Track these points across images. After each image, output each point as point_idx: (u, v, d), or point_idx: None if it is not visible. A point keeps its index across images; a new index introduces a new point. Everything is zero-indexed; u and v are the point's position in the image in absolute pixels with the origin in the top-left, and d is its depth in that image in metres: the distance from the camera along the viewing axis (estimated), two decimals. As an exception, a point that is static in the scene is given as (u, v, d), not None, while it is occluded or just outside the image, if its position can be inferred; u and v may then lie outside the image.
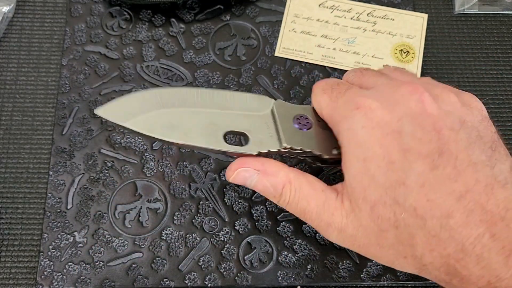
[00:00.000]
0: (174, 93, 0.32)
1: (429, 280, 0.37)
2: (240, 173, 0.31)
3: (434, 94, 0.28)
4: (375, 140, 0.27)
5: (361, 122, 0.28)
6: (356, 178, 0.28)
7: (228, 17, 0.44)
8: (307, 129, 0.32)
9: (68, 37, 0.43)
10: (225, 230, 0.38)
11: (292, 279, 0.37)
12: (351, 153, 0.28)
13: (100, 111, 0.30)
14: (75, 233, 0.38)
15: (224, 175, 0.39)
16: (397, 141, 0.27)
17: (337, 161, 0.31)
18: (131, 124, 0.30)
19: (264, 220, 0.38)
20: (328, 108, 0.31)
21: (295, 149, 0.31)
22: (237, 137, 0.39)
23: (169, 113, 0.31)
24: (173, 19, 0.44)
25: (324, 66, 0.43)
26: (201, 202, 0.39)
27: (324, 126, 0.32)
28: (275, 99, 0.33)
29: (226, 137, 0.31)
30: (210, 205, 0.39)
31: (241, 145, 0.32)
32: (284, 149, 0.31)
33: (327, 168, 0.39)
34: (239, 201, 0.39)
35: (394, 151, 0.26)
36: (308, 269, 0.37)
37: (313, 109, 0.33)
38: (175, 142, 0.31)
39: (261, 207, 0.39)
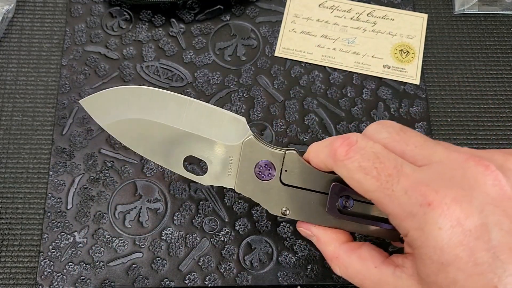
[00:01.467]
0: (156, 98, 0.32)
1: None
2: (302, 231, 0.32)
3: (498, 165, 0.24)
4: (456, 242, 0.23)
5: (437, 222, 0.23)
6: (430, 277, 0.24)
7: (228, 17, 0.44)
8: (266, 180, 0.31)
9: (68, 37, 0.43)
10: (225, 230, 0.38)
11: (292, 279, 0.37)
12: (425, 255, 0.24)
13: (85, 103, 0.33)
14: (75, 233, 0.38)
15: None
16: (482, 238, 0.23)
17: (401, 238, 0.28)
18: (106, 126, 0.33)
19: (264, 221, 0.38)
20: (380, 196, 0.26)
21: (245, 196, 0.32)
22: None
23: (142, 123, 0.32)
24: (173, 19, 0.44)
25: (324, 66, 0.43)
26: (201, 202, 0.39)
27: (287, 180, 0.31)
28: (252, 132, 0.31)
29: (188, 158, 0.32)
30: (210, 205, 0.39)
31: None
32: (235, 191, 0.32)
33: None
34: (239, 201, 0.39)
35: (480, 251, 0.23)
36: (308, 269, 0.37)
37: (285, 156, 0.31)
38: (140, 154, 0.33)
39: (261, 207, 0.38)
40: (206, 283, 0.37)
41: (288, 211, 0.31)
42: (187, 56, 0.43)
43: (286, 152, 0.31)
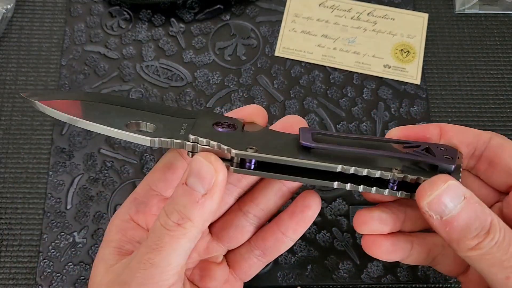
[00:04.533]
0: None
1: (429, 282, 0.37)
2: (442, 197, 0.24)
3: None
4: None
5: None
6: None
7: (228, 17, 0.44)
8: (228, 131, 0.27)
9: (67, 37, 0.43)
10: (225, 230, 0.38)
11: (292, 279, 0.37)
12: None
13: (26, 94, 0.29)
14: (75, 234, 0.38)
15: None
16: None
17: None
18: (37, 99, 0.28)
19: (264, 221, 0.38)
20: None
21: (202, 145, 0.26)
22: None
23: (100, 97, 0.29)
24: (173, 19, 0.44)
25: (324, 66, 0.43)
26: (201, 202, 0.38)
27: (254, 137, 0.27)
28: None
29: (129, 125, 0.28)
30: (210, 205, 0.38)
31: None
32: (190, 142, 0.26)
33: None
34: (239, 201, 0.39)
35: None
36: (308, 270, 0.37)
37: (245, 124, 0.28)
38: (76, 119, 0.27)
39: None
40: (206, 283, 0.37)
41: (250, 150, 0.26)
42: (187, 56, 0.43)
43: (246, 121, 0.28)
